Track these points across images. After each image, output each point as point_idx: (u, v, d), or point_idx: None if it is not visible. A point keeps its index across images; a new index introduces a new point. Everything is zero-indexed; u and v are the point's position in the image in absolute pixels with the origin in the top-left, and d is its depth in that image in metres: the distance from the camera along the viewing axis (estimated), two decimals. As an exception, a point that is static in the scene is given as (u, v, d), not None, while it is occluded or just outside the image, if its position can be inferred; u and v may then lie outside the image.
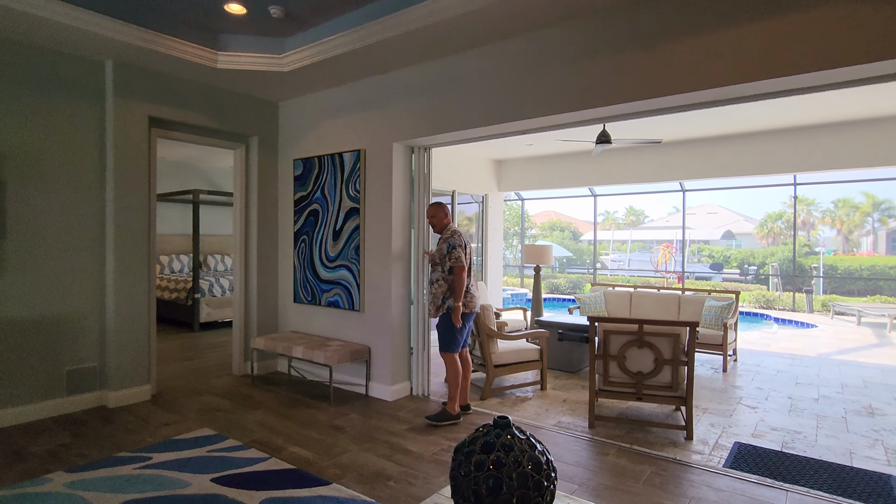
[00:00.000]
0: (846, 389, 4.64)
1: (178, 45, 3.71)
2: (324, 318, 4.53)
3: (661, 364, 3.44)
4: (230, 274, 7.84)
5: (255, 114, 4.74)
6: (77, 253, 3.73)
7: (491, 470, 1.30)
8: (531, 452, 1.35)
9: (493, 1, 2.91)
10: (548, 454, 1.39)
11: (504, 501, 1.27)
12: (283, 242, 4.92)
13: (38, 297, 3.55)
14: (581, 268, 20.28)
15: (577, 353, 5.17)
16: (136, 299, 3.93)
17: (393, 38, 3.43)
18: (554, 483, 1.36)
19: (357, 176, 4.20)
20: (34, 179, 3.53)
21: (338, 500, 2.47)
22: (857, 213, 19.72)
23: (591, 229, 24.28)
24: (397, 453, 3.05)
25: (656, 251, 17.41)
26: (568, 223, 25.67)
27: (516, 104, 3.39)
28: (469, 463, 1.34)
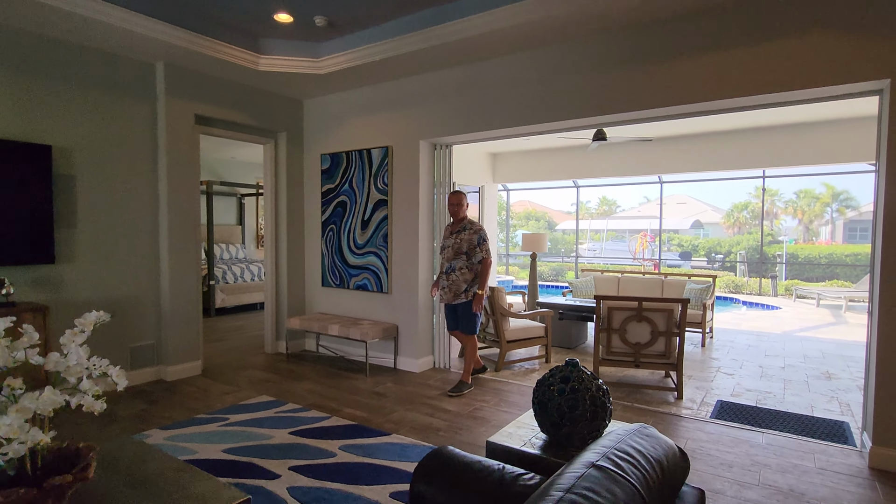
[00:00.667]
0: (807, 360, 5.35)
1: (224, 48, 4.06)
2: (352, 300, 4.98)
3: (657, 335, 4.03)
4: (236, 262, 8.16)
5: (282, 111, 5.10)
6: (135, 240, 4.08)
7: (569, 394, 1.82)
8: (595, 383, 1.87)
9: (513, 23, 3.39)
10: (604, 386, 1.91)
11: (580, 415, 1.79)
12: (309, 231, 5.32)
13: (104, 281, 3.90)
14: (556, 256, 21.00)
15: (575, 330, 5.76)
16: (186, 282, 4.31)
17: (424, 50, 3.88)
18: (610, 404, 1.88)
19: (385, 170, 4.64)
20: (98, 173, 3.86)
21: (402, 445, 2.97)
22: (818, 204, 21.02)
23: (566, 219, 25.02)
24: (438, 412, 3.56)
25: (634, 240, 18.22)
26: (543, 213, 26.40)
27: (532, 109, 3.89)
28: (552, 391, 1.85)
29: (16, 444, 1.45)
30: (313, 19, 3.86)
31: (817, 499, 2.42)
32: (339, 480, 2.53)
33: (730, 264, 17.52)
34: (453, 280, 4.00)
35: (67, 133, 3.69)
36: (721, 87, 3.14)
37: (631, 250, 17.50)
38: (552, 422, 1.84)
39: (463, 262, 4.00)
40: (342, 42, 4.23)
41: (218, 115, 4.54)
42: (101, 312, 1.71)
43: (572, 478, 1.03)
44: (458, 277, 3.99)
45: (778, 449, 2.98)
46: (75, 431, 3.08)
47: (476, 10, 3.50)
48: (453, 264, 4.02)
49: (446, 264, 4.05)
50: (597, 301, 4.16)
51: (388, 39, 3.95)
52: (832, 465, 2.77)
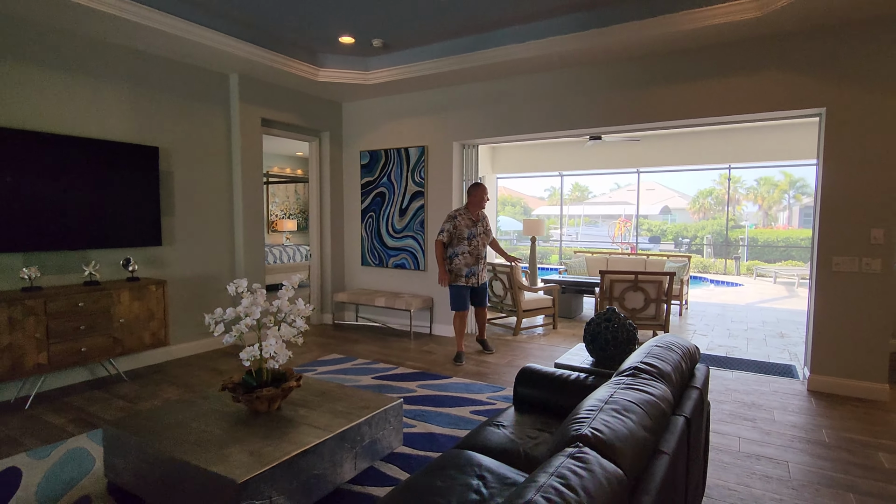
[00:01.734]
0: (765, 324, 6.45)
1: (290, 62, 4.77)
2: (391, 277, 5.80)
3: (649, 302, 5.00)
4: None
5: (325, 112, 5.82)
6: (215, 225, 4.79)
7: (612, 328, 2.72)
8: (626, 321, 2.77)
9: (536, 53, 4.23)
10: (631, 322, 2.81)
11: (620, 340, 2.69)
12: (348, 217, 6.09)
13: (195, 260, 4.62)
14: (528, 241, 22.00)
15: (575, 303, 6.72)
16: (256, 261, 5.05)
17: (462, 69, 4.68)
18: (637, 333, 2.79)
19: (422, 166, 5.44)
20: (188, 169, 4.55)
21: (464, 383, 3.85)
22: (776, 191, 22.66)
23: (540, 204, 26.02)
24: (481, 365, 4.45)
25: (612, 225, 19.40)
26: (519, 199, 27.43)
27: (547, 119, 4.75)
28: (600, 327, 2.75)
29: (273, 360, 2.30)
30: (371, 41, 4.61)
31: (771, 407, 3.41)
32: (428, 405, 3.40)
33: (696, 248, 18.90)
34: (484, 264, 4.63)
35: (166, 136, 4.37)
36: (698, 109, 4.07)
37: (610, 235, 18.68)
38: (600, 347, 2.74)
39: (474, 246, 4.49)
40: (388, 58, 4.98)
41: (277, 118, 5.24)
42: (300, 276, 2.54)
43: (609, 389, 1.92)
44: (483, 262, 4.60)
45: (743, 381, 3.99)
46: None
47: (508, 41, 4.33)
48: (482, 251, 4.61)
49: (483, 250, 4.57)
50: (601, 275, 5.10)
51: (433, 59, 4.74)
52: (782, 389, 3.79)
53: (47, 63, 3.61)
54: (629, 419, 1.24)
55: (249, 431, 2.18)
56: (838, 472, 2.54)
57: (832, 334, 3.70)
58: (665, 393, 1.52)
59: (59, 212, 3.62)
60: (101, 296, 3.63)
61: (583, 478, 0.95)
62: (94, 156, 3.81)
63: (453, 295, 4.50)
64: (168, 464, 1.99)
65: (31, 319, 3.27)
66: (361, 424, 2.36)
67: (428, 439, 2.90)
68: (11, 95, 3.44)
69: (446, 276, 4.46)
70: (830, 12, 3.37)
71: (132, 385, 3.80)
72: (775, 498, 2.31)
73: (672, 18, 3.68)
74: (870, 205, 3.54)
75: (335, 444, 2.20)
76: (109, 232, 3.92)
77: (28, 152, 3.45)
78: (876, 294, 3.55)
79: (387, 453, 2.58)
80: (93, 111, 3.88)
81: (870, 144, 3.52)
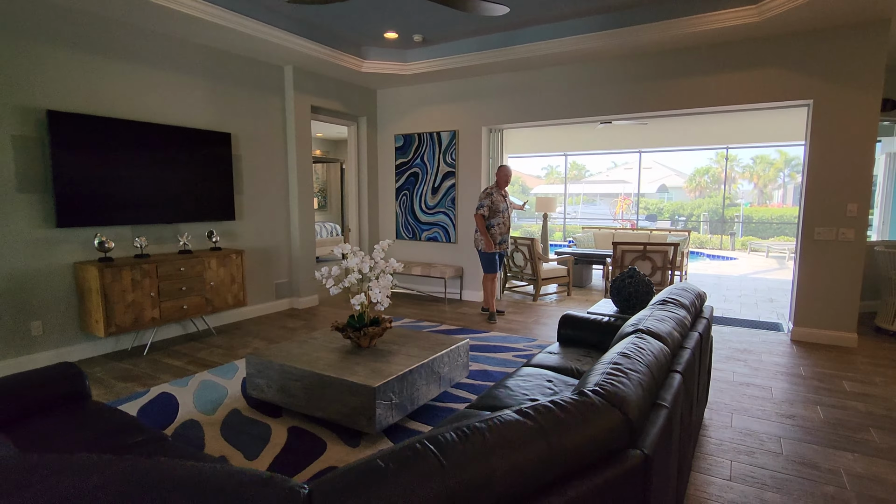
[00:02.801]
0: (757, 291, 7.17)
1: (338, 55, 5.32)
2: (423, 249, 6.45)
3: (656, 269, 5.69)
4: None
5: (362, 98, 6.39)
6: (274, 202, 5.41)
7: (634, 282, 3.39)
8: (645, 278, 3.44)
9: (560, 50, 4.82)
10: (649, 279, 3.48)
11: (641, 293, 3.37)
12: (382, 195, 6.71)
13: (258, 233, 5.25)
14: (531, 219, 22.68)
15: (585, 273, 7.42)
16: (307, 235, 5.69)
17: (494, 63, 5.26)
18: (654, 287, 3.46)
19: (453, 148, 6.05)
20: (252, 152, 5.15)
21: (502, 335, 4.54)
22: (772, 169, 23.27)
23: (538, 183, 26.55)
24: (511, 323, 5.14)
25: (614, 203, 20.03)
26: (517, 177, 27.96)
27: (566, 107, 5.36)
28: (625, 282, 3.42)
29: (379, 304, 2.95)
30: (412, 36, 5.17)
31: (759, 352, 4.13)
32: (477, 351, 4.09)
33: (692, 225, 19.59)
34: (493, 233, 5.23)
35: (236, 123, 4.96)
36: (702, 99, 4.69)
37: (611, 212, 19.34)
38: (624, 298, 3.42)
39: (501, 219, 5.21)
40: (425, 51, 5.54)
41: (324, 105, 5.81)
42: (388, 240, 3.18)
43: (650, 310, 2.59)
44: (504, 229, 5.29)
45: (737, 334, 4.70)
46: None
47: (534, 39, 4.90)
48: (509, 222, 5.34)
49: (509, 223, 5.30)
50: (613, 246, 5.78)
51: (466, 53, 5.30)
52: (769, 339, 4.50)
53: (147, 61, 4.18)
54: (667, 323, 1.92)
55: (360, 359, 2.86)
56: (810, 393, 3.25)
57: (812, 293, 4.40)
58: (685, 316, 2.20)
59: (157, 191, 4.24)
60: (195, 262, 4.28)
61: (645, 348, 1.62)
62: (183, 142, 4.40)
63: (488, 260, 5.22)
64: (311, 378, 2.67)
65: (146, 281, 3.92)
66: (442, 356, 3.04)
67: (483, 374, 3.59)
68: (118, 90, 4.02)
69: (491, 242, 5.15)
70: (819, 19, 3.98)
71: (221, 338, 4.47)
72: (760, 408, 3.02)
73: (682, 22, 4.27)
74: (847, 182, 4.20)
75: (425, 369, 2.88)
76: (195, 208, 4.54)
77: (132, 139, 4.05)
78: (849, 259, 4.24)
79: (456, 382, 3.27)
80: (180, 103, 4.46)
81: (849, 131, 4.16)
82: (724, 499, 2.11)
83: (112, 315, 3.72)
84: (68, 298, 3.80)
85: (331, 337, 3.29)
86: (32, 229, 3.58)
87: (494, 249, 5.18)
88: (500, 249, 5.25)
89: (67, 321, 3.81)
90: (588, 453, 1.09)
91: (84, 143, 3.74)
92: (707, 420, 2.87)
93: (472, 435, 0.99)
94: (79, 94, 3.78)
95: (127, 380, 3.47)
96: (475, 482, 0.91)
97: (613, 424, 1.15)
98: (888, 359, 3.96)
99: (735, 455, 2.47)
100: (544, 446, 1.02)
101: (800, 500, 2.10)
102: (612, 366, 1.39)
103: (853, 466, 2.37)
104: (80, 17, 3.76)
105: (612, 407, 1.19)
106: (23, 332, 3.58)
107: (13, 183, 3.46)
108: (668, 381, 1.60)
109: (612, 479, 1.09)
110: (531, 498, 0.98)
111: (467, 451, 0.94)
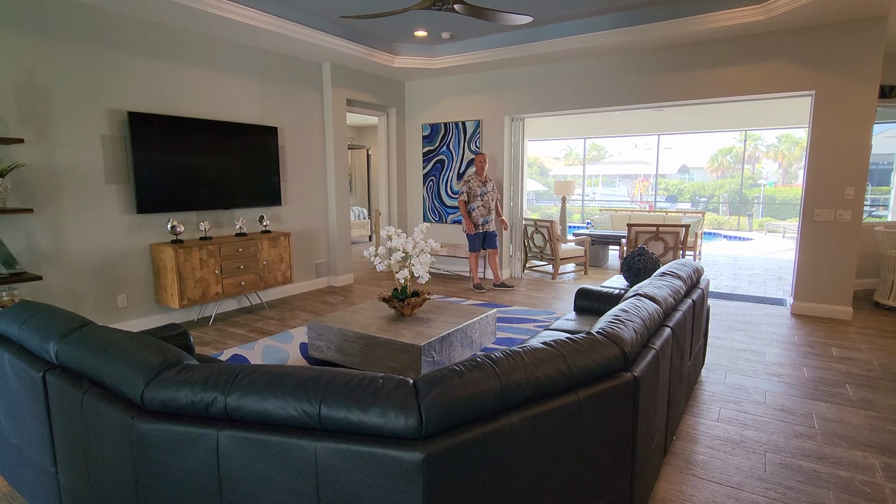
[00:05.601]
0: (767, 271, 7.50)
1: (372, 52, 5.75)
2: (449, 231, 6.92)
3: (668, 249, 6.08)
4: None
5: (392, 90, 6.82)
6: (313, 189, 5.92)
7: (643, 259, 3.82)
8: (653, 255, 3.87)
9: (578, 46, 5.17)
10: (657, 257, 3.90)
11: (649, 268, 3.80)
12: (410, 180, 7.18)
13: (301, 217, 5.78)
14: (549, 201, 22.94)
15: (602, 253, 7.82)
16: (342, 219, 6.20)
17: (517, 57, 5.64)
18: (660, 262, 3.88)
19: (477, 137, 6.47)
20: (295, 143, 5.65)
21: (524, 308, 5.02)
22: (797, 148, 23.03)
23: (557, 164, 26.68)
24: (532, 298, 5.60)
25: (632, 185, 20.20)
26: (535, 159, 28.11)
27: (584, 97, 5.72)
28: (634, 259, 3.85)
29: (421, 278, 3.45)
30: (441, 34, 5.57)
31: (759, 323, 4.53)
32: (501, 322, 4.58)
33: (713, 206, 19.67)
34: (494, 215, 5.90)
35: (281, 116, 5.45)
36: (712, 90, 5.02)
37: (629, 194, 19.54)
38: (634, 273, 3.86)
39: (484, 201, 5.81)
40: (452, 46, 5.94)
41: (357, 98, 6.27)
42: (425, 224, 3.65)
43: (650, 280, 3.03)
44: (494, 213, 5.91)
45: (741, 308, 5.10)
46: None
47: (555, 35, 5.26)
48: (492, 205, 5.88)
49: (492, 203, 5.85)
50: (628, 227, 6.17)
51: (491, 49, 5.69)
52: (771, 313, 4.90)
53: (207, 64, 4.68)
54: (663, 290, 2.37)
55: (405, 325, 3.37)
56: (799, 358, 3.67)
57: (812, 270, 4.77)
58: (681, 285, 2.64)
59: (216, 180, 4.77)
60: (251, 244, 4.82)
61: (641, 306, 2.08)
62: (236, 136, 4.92)
63: (471, 240, 5.88)
64: (366, 339, 3.19)
65: (211, 260, 4.48)
66: (473, 323, 3.53)
67: (508, 341, 4.09)
68: (183, 91, 4.53)
69: (472, 225, 5.78)
70: (821, 15, 4.28)
71: (272, 311, 5.04)
72: (752, 368, 3.46)
73: (693, 20, 4.60)
74: (845, 167, 4.53)
75: (460, 333, 3.37)
76: (248, 194, 5.07)
77: (196, 135, 4.57)
78: (846, 239, 4.59)
79: (485, 346, 3.76)
80: (234, 100, 4.96)
81: (847, 120, 4.47)
82: (710, 434, 2.58)
83: (185, 289, 4.30)
84: (147, 275, 4.38)
85: (377, 307, 3.80)
86: (118, 215, 4.15)
87: (476, 231, 5.78)
88: (483, 230, 5.84)
89: (146, 295, 4.39)
90: (594, 372, 1.56)
91: (158, 140, 4.28)
92: (703, 378, 3.32)
93: (514, 355, 1.47)
94: (153, 96, 4.30)
95: (201, 345, 4.05)
96: (518, 383, 1.39)
97: (612, 354, 1.63)
98: (878, 329, 4.34)
99: (724, 404, 2.92)
100: (563, 364, 1.50)
101: (773, 436, 2.55)
102: (614, 316, 1.86)
103: (824, 412, 2.81)
104: (153, 29, 4.26)
105: (611, 343, 1.66)
106: (111, 303, 4.18)
107: (103, 176, 4.02)
108: (659, 332, 2.06)
109: (611, 389, 1.57)
110: (557, 395, 1.47)
111: (511, 363, 1.43)
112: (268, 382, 1.31)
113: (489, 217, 5.87)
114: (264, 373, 1.34)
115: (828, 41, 4.48)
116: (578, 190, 16.66)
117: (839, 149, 4.55)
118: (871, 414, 2.78)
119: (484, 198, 5.82)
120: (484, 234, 5.90)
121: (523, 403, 1.41)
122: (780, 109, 8.59)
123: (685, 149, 25.64)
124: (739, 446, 2.46)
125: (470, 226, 5.79)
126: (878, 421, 2.70)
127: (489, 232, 5.93)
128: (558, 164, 26.32)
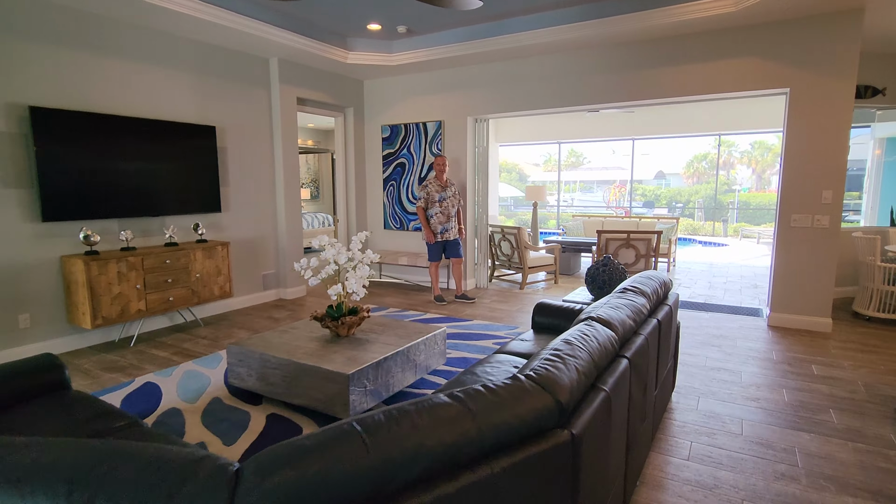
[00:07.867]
0: (743, 278, 7.25)
1: (323, 47, 5.33)
2: (411, 239, 6.51)
3: (639, 257, 5.76)
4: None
5: (349, 89, 6.41)
6: (260, 194, 5.46)
7: (607, 270, 3.47)
8: (619, 265, 3.51)
9: (545, 40, 4.84)
10: (623, 267, 3.56)
11: (614, 279, 3.44)
12: (370, 186, 6.76)
13: (245, 225, 5.31)
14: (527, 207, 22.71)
15: (574, 261, 7.49)
16: (293, 227, 5.75)
17: (479, 53, 5.28)
18: (627, 274, 3.53)
19: (439, 138, 6.08)
20: (238, 145, 5.19)
21: (484, 324, 4.63)
22: (770, 154, 23.27)
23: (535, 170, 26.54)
24: (495, 311, 5.22)
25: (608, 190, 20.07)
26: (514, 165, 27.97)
27: (551, 97, 5.39)
28: (599, 270, 3.50)
29: (355, 294, 3.02)
30: (396, 28, 5.19)
31: (735, 337, 4.22)
32: (458, 339, 4.18)
33: (688, 212, 19.65)
34: (454, 222, 5.45)
35: (221, 115, 4.99)
36: (685, 88, 4.73)
37: (605, 200, 19.40)
38: (598, 286, 3.50)
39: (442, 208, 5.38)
40: (410, 42, 5.56)
41: (310, 97, 5.84)
42: (367, 232, 3.24)
43: (608, 298, 2.67)
44: (455, 220, 5.48)
45: (715, 320, 4.79)
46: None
47: (519, 29, 4.92)
48: (451, 211, 5.43)
49: (452, 210, 5.40)
50: (598, 234, 5.84)
51: (451, 44, 5.32)
52: (747, 324, 4.59)
53: (131, 56, 4.21)
54: (622, 311, 1.99)
55: (338, 347, 2.94)
56: (778, 378, 3.35)
57: (789, 279, 4.48)
58: (644, 304, 2.28)
59: (142, 184, 4.29)
60: (181, 254, 4.34)
61: (590, 334, 1.70)
62: (168, 135, 4.45)
63: (430, 249, 5.48)
64: (290, 366, 2.75)
65: (132, 273, 3.99)
66: (419, 344, 3.12)
67: (462, 361, 3.68)
68: (102, 86, 4.05)
69: (431, 233, 5.39)
70: (794, 8, 4.01)
71: (207, 329, 4.55)
72: (727, 391, 3.12)
73: (661, 12, 4.29)
74: (822, 169, 4.26)
75: (401, 357, 2.96)
76: (181, 200, 4.59)
77: (117, 134, 4.09)
78: (824, 246, 4.31)
79: (433, 369, 3.35)
80: (165, 97, 4.49)
81: (823, 118, 4.21)
82: (679, 477, 2.21)
83: (98, 307, 3.80)
84: (55, 291, 3.87)
85: (312, 326, 3.36)
86: (19, 224, 3.64)
87: (436, 239, 5.41)
88: (443, 238, 5.42)
89: (55, 314, 3.88)
90: (516, 432, 1.17)
91: (68, 139, 3.79)
92: (674, 403, 2.97)
93: (401, 416, 1.06)
94: (63, 90, 3.81)
95: (113, 370, 3.55)
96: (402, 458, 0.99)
97: (542, 406, 1.23)
98: (860, 343, 4.05)
99: (696, 436, 2.56)
100: (471, 424, 1.10)
101: (751, 478, 2.19)
102: (552, 352, 1.47)
103: (808, 445, 2.46)
104: (61, 14, 3.78)
105: (542, 390, 1.27)
106: (10, 324, 3.66)
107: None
108: (612, 366, 1.68)
109: (539, 455, 1.17)
110: (463, 467, 1.06)
111: (394, 430, 1.02)
112: (11, 468, 0.88)
113: (449, 225, 5.46)
114: (13, 450, 0.91)
115: (802, 36, 4.21)
116: (553, 196, 16.41)
117: (815, 149, 4.28)
118: (859, 447, 2.44)
119: (443, 204, 5.41)
120: (444, 242, 5.49)
121: (410, 487, 1.00)
122: (753, 112, 8.41)
123: (661, 155, 25.74)
124: (713, 493, 2.09)
125: (429, 234, 5.40)
126: (867, 455, 2.37)
127: (450, 241, 5.52)
128: (537, 170, 26.15)
